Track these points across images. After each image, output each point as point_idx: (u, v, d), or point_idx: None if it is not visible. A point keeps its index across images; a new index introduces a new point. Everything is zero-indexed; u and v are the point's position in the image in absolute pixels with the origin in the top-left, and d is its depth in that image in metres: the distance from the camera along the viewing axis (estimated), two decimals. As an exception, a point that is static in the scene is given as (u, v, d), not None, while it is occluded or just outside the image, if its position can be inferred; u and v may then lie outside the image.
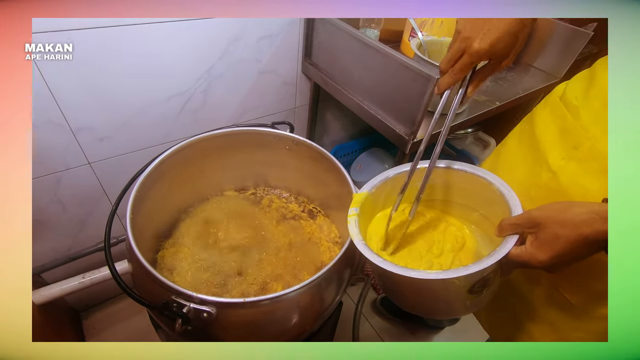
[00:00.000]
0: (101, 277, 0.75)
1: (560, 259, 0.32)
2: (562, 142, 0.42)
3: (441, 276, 0.35)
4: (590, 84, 0.41)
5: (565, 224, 0.31)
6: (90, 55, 0.58)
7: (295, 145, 0.64)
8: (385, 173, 0.51)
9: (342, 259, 0.46)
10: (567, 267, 0.34)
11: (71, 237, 0.80)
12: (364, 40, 0.67)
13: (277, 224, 0.70)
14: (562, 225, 0.32)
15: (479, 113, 0.75)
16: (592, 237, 0.31)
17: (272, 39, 0.76)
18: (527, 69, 0.96)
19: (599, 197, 0.35)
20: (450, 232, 0.49)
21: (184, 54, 0.68)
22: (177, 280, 0.57)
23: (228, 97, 0.80)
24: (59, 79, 0.58)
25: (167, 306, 0.38)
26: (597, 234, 0.30)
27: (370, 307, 1.10)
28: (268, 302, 0.41)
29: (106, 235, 0.48)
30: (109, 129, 0.69)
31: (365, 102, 0.73)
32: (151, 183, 0.53)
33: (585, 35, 0.84)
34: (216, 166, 0.67)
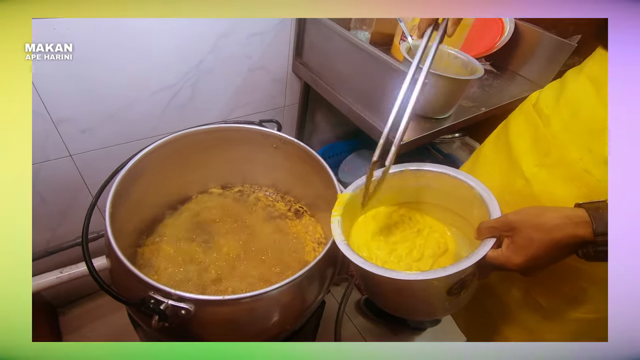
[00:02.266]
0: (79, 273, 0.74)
1: (534, 261, 0.33)
2: (535, 150, 0.44)
3: (420, 277, 0.36)
4: (560, 93, 0.43)
5: (539, 228, 0.32)
6: (76, 47, 0.57)
7: (282, 144, 0.64)
8: (370, 174, 0.51)
9: (325, 258, 0.46)
10: (541, 270, 0.34)
11: (50, 231, 0.78)
12: (355, 42, 0.67)
13: (263, 223, 0.69)
14: (536, 229, 0.32)
15: (465, 118, 0.76)
16: (564, 240, 0.32)
17: (262, 37, 0.76)
18: (513, 77, 0.98)
19: (568, 203, 0.36)
20: (433, 238, 0.50)
21: (172, 48, 0.67)
22: (157, 277, 0.57)
23: (217, 92, 0.79)
24: (41, 68, 0.56)
25: (144, 302, 0.38)
26: (569, 238, 0.31)
27: (354, 307, 1.11)
28: (248, 300, 0.41)
29: (84, 230, 0.47)
30: (91, 121, 0.67)
31: (354, 103, 0.73)
32: (133, 177, 0.52)
33: (569, 46, 0.87)
34: (201, 162, 0.66)
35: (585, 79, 0.40)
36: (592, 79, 0.40)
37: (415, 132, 0.69)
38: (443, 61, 0.79)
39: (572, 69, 0.44)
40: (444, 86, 0.68)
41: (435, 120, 0.74)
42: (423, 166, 0.49)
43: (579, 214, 0.31)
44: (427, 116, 0.74)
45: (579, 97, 0.40)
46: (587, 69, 0.41)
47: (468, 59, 0.75)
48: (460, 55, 0.76)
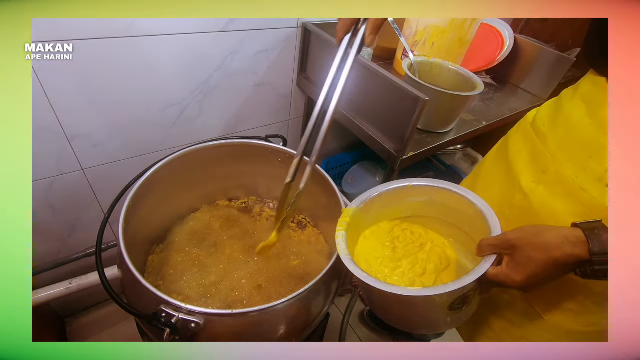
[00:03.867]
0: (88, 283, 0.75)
1: (534, 280, 0.34)
2: (533, 166, 0.45)
3: (422, 293, 0.37)
4: (556, 112, 0.44)
5: (538, 247, 0.33)
6: (89, 65, 0.59)
7: (287, 158, 0.66)
8: (374, 189, 0.53)
9: (330, 271, 0.47)
10: (540, 287, 0.36)
11: (60, 242, 0.80)
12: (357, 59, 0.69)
13: (268, 233, 0.71)
14: (535, 248, 0.34)
15: (467, 132, 0.78)
16: (563, 260, 0.33)
17: (269, 53, 0.78)
18: (514, 90, 1.00)
19: (566, 218, 0.37)
20: (436, 253, 0.51)
21: (181, 65, 0.69)
22: (166, 285, 0.58)
23: (223, 107, 0.82)
24: (57, 86, 0.59)
25: (156, 316, 0.39)
26: (566, 257, 0.32)
27: (358, 318, 1.11)
28: (256, 314, 0.42)
29: (98, 244, 0.48)
30: (103, 136, 0.69)
31: (357, 117, 0.75)
32: (144, 192, 0.54)
33: (568, 61, 0.89)
34: (209, 176, 0.68)
35: (579, 100, 0.42)
36: (585, 100, 0.41)
37: (417, 146, 0.70)
38: (444, 76, 0.81)
39: (567, 89, 0.46)
40: (445, 102, 0.69)
41: (437, 134, 0.75)
42: (425, 182, 0.51)
43: (576, 234, 0.32)
44: (429, 130, 0.75)
45: (573, 117, 0.42)
46: (580, 90, 0.42)
47: (468, 74, 0.77)
48: (461, 71, 0.78)
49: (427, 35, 0.84)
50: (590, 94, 0.41)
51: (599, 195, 0.38)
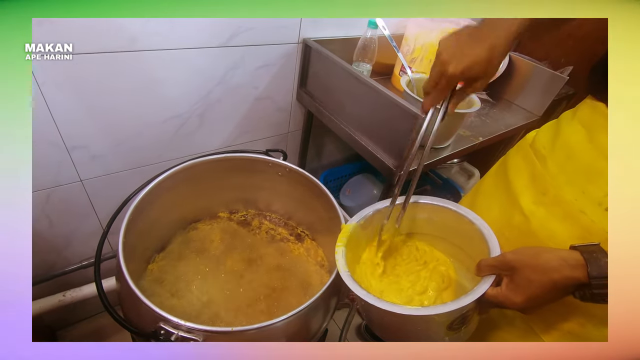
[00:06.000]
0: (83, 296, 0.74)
1: (533, 301, 0.35)
2: (533, 188, 0.45)
3: (421, 312, 0.37)
4: (555, 135, 0.45)
5: (536, 269, 0.34)
6: (91, 78, 0.60)
7: (287, 172, 0.66)
8: (374, 205, 0.53)
9: (330, 287, 0.47)
10: (540, 309, 0.36)
11: (55, 253, 0.79)
12: (356, 75, 0.71)
13: (267, 246, 0.71)
14: (534, 270, 0.34)
15: (463, 148, 0.79)
16: (561, 282, 0.33)
17: (269, 68, 0.80)
18: (509, 105, 1.02)
19: (565, 240, 0.38)
20: (438, 272, 0.51)
21: (182, 79, 0.70)
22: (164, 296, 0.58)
23: (223, 121, 0.82)
24: (58, 98, 0.59)
25: (155, 334, 0.39)
26: (565, 280, 0.33)
27: (355, 332, 1.10)
28: (255, 331, 0.42)
29: (97, 258, 0.48)
30: (102, 148, 0.69)
31: (356, 132, 0.76)
32: (144, 206, 0.54)
33: (561, 79, 0.91)
34: (209, 189, 0.68)
35: (578, 124, 0.42)
36: (584, 125, 0.42)
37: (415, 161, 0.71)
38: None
39: (567, 112, 0.46)
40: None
41: (435, 149, 0.76)
42: (426, 199, 0.51)
43: (574, 257, 0.33)
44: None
45: (572, 141, 0.42)
46: (579, 114, 0.43)
47: (465, 92, 0.78)
48: (458, 88, 0.80)
49: (424, 52, 0.86)
50: (589, 119, 0.41)
51: (598, 219, 0.38)
